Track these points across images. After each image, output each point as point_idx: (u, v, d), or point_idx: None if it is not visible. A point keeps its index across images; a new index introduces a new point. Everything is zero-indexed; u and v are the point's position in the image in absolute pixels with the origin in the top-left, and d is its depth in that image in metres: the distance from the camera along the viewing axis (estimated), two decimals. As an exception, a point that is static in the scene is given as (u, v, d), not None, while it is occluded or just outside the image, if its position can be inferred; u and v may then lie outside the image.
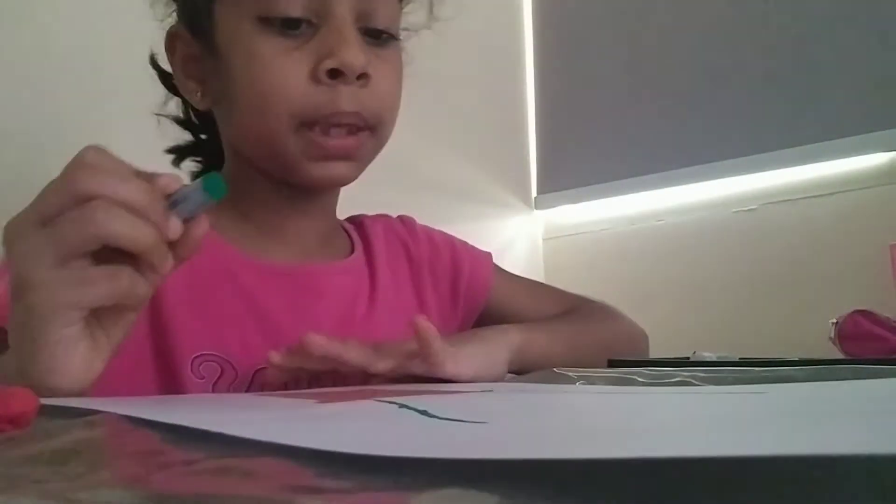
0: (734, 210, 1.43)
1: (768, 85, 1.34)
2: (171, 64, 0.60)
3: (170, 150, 0.67)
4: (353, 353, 0.48)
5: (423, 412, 0.26)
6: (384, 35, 0.57)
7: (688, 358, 0.75)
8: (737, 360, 0.67)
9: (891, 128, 1.23)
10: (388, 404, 0.31)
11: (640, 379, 0.44)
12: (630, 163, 1.49)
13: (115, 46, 0.96)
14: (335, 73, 0.52)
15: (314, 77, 0.52)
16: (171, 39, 0.59)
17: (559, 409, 0.30)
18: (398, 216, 0.75)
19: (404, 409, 0.28)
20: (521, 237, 1.61)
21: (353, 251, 0.67)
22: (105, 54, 0.98)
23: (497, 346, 0.57)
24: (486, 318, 0.72)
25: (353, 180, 0.60)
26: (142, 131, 0.65)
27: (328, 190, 0.62)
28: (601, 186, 1.53)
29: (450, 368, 0.50)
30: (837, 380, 0.41)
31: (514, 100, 1.64)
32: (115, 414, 0.26)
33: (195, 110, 0.64)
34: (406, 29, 0.62)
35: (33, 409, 0.24)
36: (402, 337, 0.52)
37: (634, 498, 0.14)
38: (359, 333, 0.57)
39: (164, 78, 0.64)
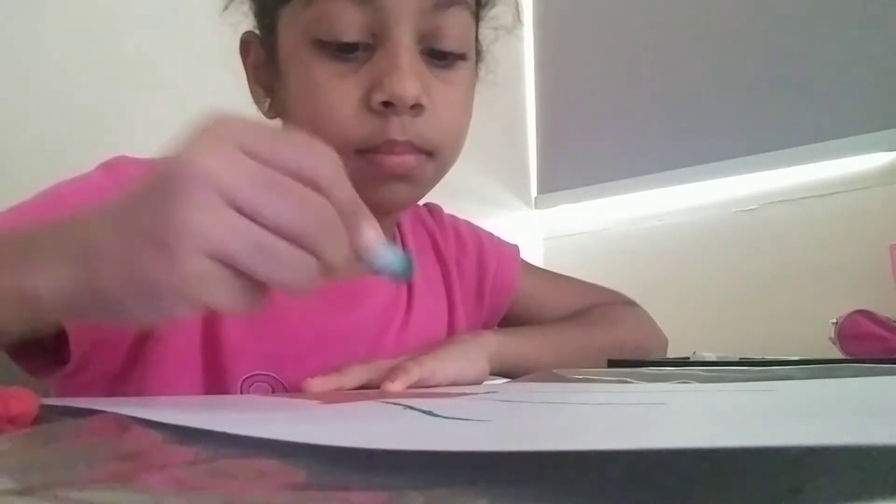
0: (734, 210, 1.43)
1: (768, 85, 1.34)
2: (245, 68, 0.59)
3: None
4: (353, 378, 0.49)
5: (428, 412, 0.26)
6: (450, 56, 0.54)
7: (688, 358, 0.75)
8: (737, 360, 0.67)
9: (891, 128, 1.23)
10: (392, 405, 0.31)
11: (633, 380, 0.44)
12: (630, 163, 1.49)
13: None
14: (387, 104, 0.50)
15: (366, 105, 0.50)
16: (245, 44, 0.59)
17: (562, 408, 0.30)
18: (425, 204, 0.71)
19: (408, 410, 0.28)
20: (522, 237, 1.61)
21: None
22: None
23: (474, 348, 0.57)
24: (510, 316, 0.72)
25: (414, 203, 0.59)
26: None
27: (387, 213, 0.58)
28: (601, 186, 1.53)
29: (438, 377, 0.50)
30: (837, 378, 0.41)
31: (514, 99, 1.64)
32: (116, 414, 0.26)
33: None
34: (495, 28, 0.59)
35: (33, 409, 0.24)
36: (435, 338, 0.58)
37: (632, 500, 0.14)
38: (397, 340, 0.59)
39: None
